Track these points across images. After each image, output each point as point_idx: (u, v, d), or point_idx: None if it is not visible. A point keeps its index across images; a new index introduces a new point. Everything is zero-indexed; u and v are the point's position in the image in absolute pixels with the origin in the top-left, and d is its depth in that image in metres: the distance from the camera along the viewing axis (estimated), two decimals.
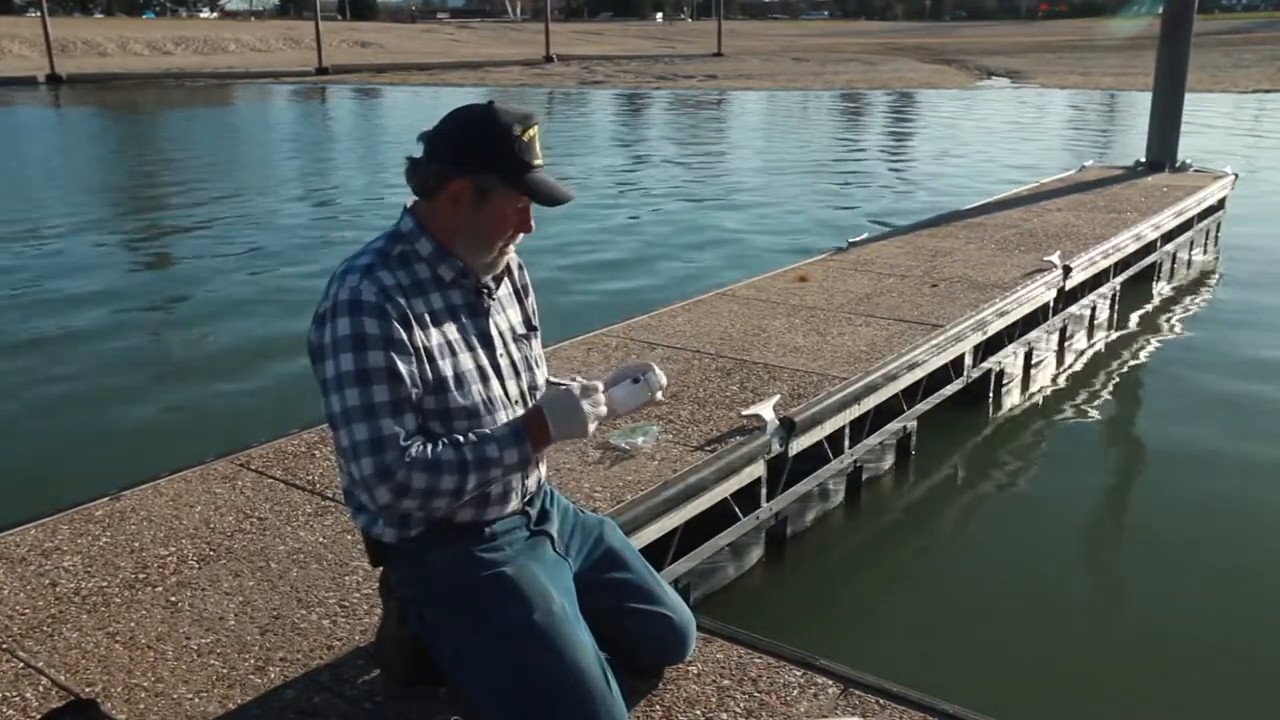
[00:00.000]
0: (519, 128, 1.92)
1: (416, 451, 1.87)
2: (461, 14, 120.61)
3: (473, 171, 1.93)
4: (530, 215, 2.01)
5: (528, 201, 1.98)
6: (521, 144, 1.93)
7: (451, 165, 1.94)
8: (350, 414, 1.86)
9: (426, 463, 1.87)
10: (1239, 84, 30.46)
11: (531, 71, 45.79)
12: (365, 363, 1.86)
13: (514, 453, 1.95)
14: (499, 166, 1.92)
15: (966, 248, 7.00)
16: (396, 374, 1.88)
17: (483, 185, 1.94)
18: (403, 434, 1.87)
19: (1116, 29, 62.79)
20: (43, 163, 18.45)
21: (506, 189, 1.94)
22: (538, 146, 1.96)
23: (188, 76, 42.31)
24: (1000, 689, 3.36)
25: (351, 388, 1.86)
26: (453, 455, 1.90)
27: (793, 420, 3.88)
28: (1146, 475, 5.35)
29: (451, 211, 1.97)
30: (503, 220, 1.98)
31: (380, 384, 1.87)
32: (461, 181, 1.94)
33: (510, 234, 2.02)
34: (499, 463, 1.94)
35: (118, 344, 7.30)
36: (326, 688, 2.34)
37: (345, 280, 1.92)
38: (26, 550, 2.98)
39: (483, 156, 1.92)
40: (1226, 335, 7.36)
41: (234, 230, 11.46)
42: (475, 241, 1.99)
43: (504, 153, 1.92)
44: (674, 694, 2.37)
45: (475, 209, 1.96)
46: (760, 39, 74.41)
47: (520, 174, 1.93)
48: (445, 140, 1.95)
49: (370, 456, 1.85)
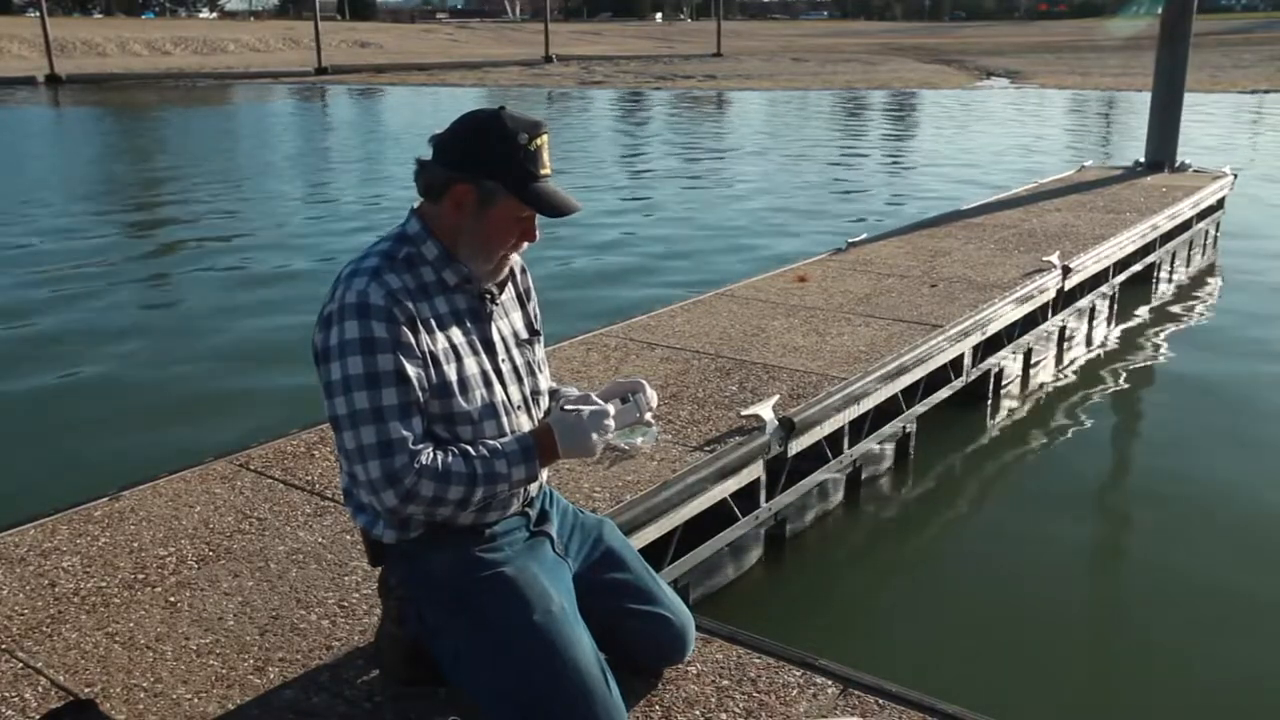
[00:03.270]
0: (526, 136, 1.91)
1: (426, 459, 1.87)
2: (461, 14, 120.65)
3: (477, 177, 1.92)
4: (535, 225, 2.00)
5: (532, 211, 1.97)
6: (527, 152, 1.91)
7: (457, 169, 1.93)
8: (358, 417, 1.86)
9: (436, 472, 1.88)
10: (1238, 84, 30.47)
11: (531, 72, 45.79)
12: (375, 366, 1.86)
13: (522, 469, 1.97)
14: (503, 174, 1.91)
15: (966, 248, 7.00)
16: (405, 377, 1.88)
17: (486, 191, 1.93)
18: (411, 438, 1.87)
19: (1116, 29, 62.77)
20: (41, 162, 18.45)
21: (509, 197, 1.93)
22: (545, 156, 1.95)
23: (187, 77, 42.31)
24: (999, 689, 3.36)
25: (360, 390, 1.86)
26: (463, 467, 1.90)
27: (792, 420, 3.88)
28: (1146, 475, 5.35)
29: (455, 215, 1.96)
30: (505, 228, 1.97)
31: (390, 387, 1.87)
32: (465, 186, 1.93)
33: (513, 242, 2.01)
34: (507, 478, 1.96)
35: (115, 344, 7.29)
36: (326, 688, 2.34)
37: (352, 283, 1.91)
38: (25, 550, 2.98)
39: (488, 162, 1.92)
40: (1225, 335, 7.37)
41: (232, 230, 11.45)
42: (477, 247, 1.98)
43: (509, 160, 1.91)
44: (673, 694, 2.37)
45: (478, 214, 1.95)
46: (759, 39, 74.44)
47: (525, 183, 1.92)
48: (453, 144, 1.94)
49: (378, 460, 1.85)
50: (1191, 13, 10.40)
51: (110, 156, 19.71)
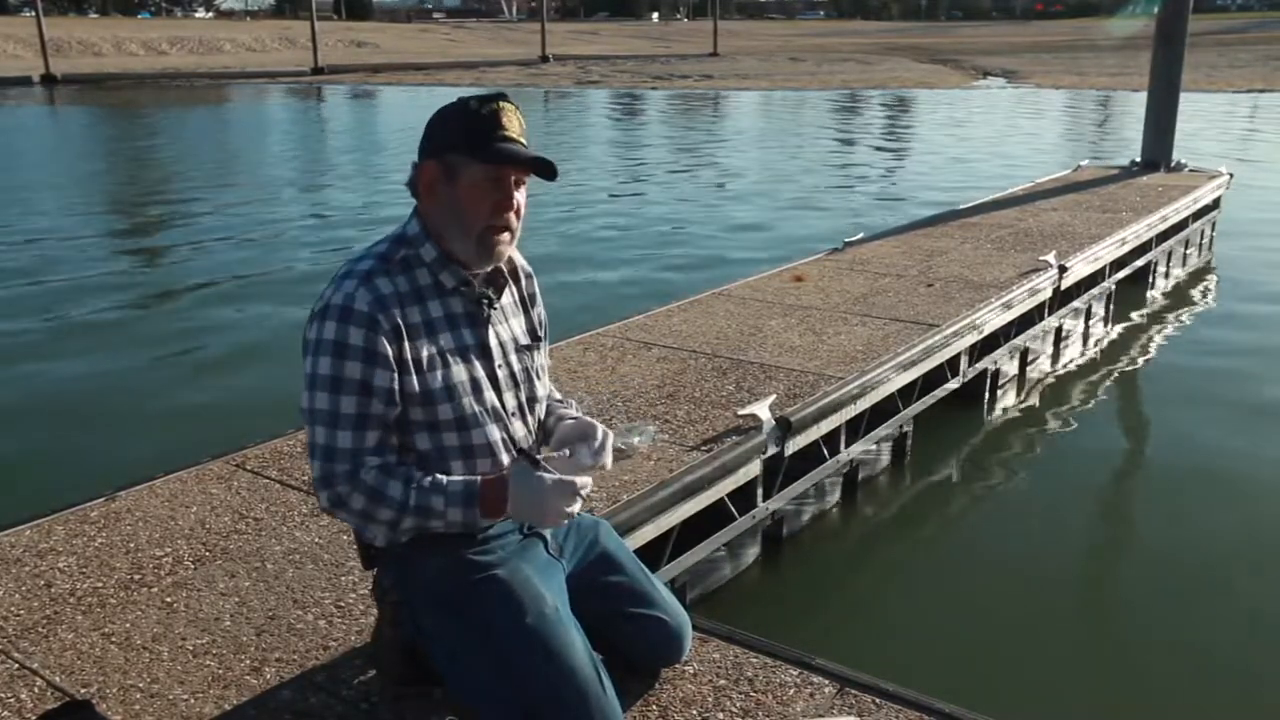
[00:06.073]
0: (477, 103, 1.93)
1: (366, 474, 1.89)
2: (457, 14, 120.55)
3: (438, 154, 1.95)
4: (510, 193, 1.96)
5: (502, 173, 1.94)
6: (481, 116, 1.92)
7: (424, 156, 1.97)
8: (315, 416, 1.90)
9: (370, 489, 1.89)
10: (1234, 83, 30.52)
11: (527, 71, 45.78)
12: (341, 371, 1.88)
13: (459, 512, 1.93)
14: (460, 142, 1.92)
15: (962, 247, 7.00)
16: (369, 389, 1.88)
17: (447, 163, 1.94)
18: (358, 449, 1.89)
19: (1112, 29, 62.85)
20: (38, 161, 18.40)
21: (470, 161, 1.92)
22: (505, 121, 1.93)
23: (183, 76, 42.24)
24: (996, 688, 3.37)
25: (322, 391, 1.88)
26: (398, 493, 1.90)
27: (789, 420, 3.88)
28: (1142, 474, 5.36)
29: (433, 202, 1.97)
30: (476, 196, 1.94)
31: (350, 395, 1.88)
32: (430, 165, 1.96)
33: (489, 213, 1.95)
34: (441, 516, 1.93)
35: (112, 344, 7.28)
36: (322, 688, 2.34)
37: (342, 285, 1.92)
38: (21, 551, 2.97)
39: (445, 137, 1.94)
40: (1222, 334, 7.38)
41: (228, 229, 11.44)
42: (455, 224, 1.96)
43: (464, 128, 1.92)
44: (670, 694, 2.37)
45: (449, 190, 1.95)
46: (756, 39, 74.46)
47: (481, 143, 1.91)
48: (423, 137, 1.98)
49: (320, 461, 1.89)
50: (1187, 12, 10.42)
51: (105, 156, 19.67)
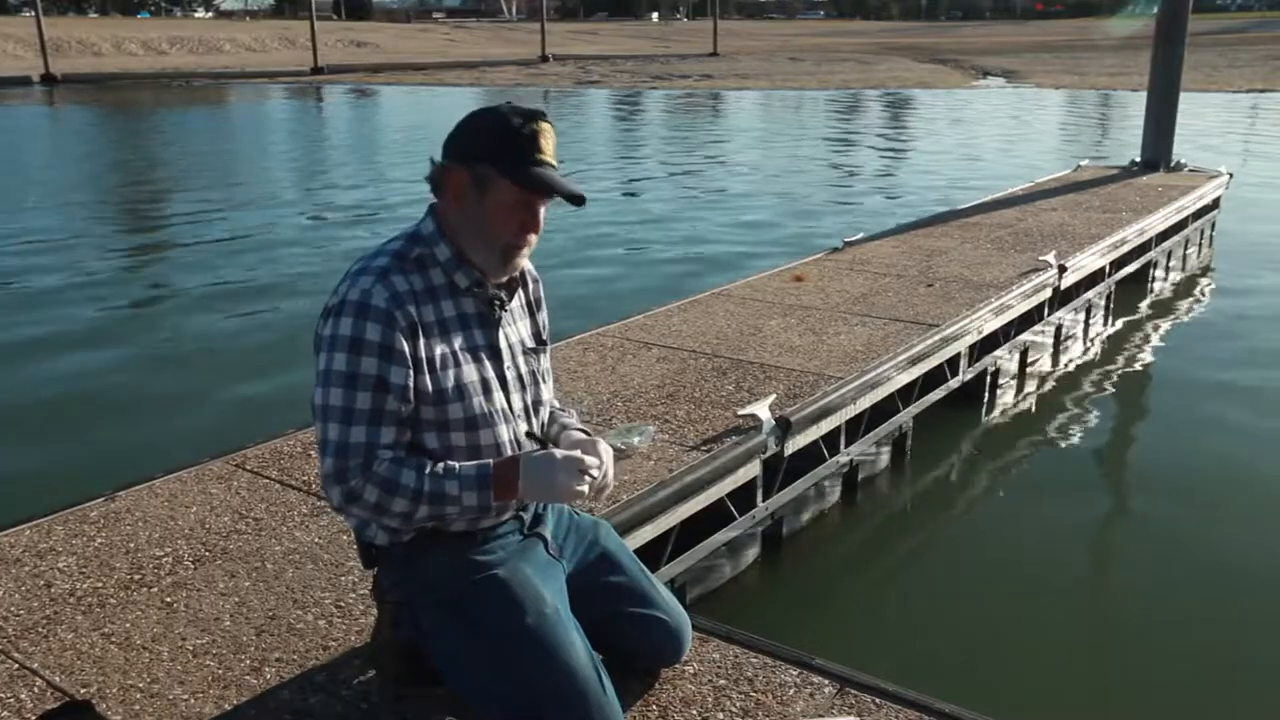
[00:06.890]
0: (518, 120, 1.92)
1: (379, 467, 1.88)
2: (457, 13, 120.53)
3: (470, 162, 1.93)
4: (537, 215, 1.97)
5: (531, 198, 1.95)
6: (521, 136, 1.91)
7: (453, 158, 1.96)
8: (329, 412, 1.89)
9: (384, 480, 1.88)
10: (1234, 83, 30.52)
11: (527, 71, 45.78)
12: (357, 367, 1.87)
13: (473, 496, 1.93)
14: (496, 157, 1.92)
15: (962, 247, 7.00)
16: (385, 385, 1.88)
17: (479, 175, 1.93)
18: (373, 444, 1.88)
19: (1112, 29, 62.86)
20: (38, 161, 18.40)
21: (502, 180, 1.92)
22: (543, 143, 1.93)
23: (183, 76, 42.23)
24: (996, 688, 3.37)
25: (337, 387, 1.88)
26: (412, 481, 1.89)
27: (788, 420, 3.88)
28: (1142, 474, 5.35)
29: (457, 206, 1.97)
30: (505, 214, 1.95)
31: (365, 391, 1.88)
32: (460, 173, 1.94)
33: (514, 231, 1.97)
34: (456, 501, 1.93)
35: (111, 344, 7.28)
36: (322, 688, 2.34)
37: (358, 281, 1.92)
38: (21, 551, 2.97)
39: (481, 148, 1.93)
40: (1221, 333, 7.38)
41: (228, 229, 11.43)
42: (480, 237, 1.97)
43: (502, 144, 1.91)
44: (670, 694, 2.37)
45: (477, 202, 1.94)
46: (756, 39, 74.43)
47: (518, 166, 1.91)
48: (454, 136, 1.97)
49: (333, 457, 1.88)
50: (1187, 12, 10.41)
51: (105, 155, 19.66)
